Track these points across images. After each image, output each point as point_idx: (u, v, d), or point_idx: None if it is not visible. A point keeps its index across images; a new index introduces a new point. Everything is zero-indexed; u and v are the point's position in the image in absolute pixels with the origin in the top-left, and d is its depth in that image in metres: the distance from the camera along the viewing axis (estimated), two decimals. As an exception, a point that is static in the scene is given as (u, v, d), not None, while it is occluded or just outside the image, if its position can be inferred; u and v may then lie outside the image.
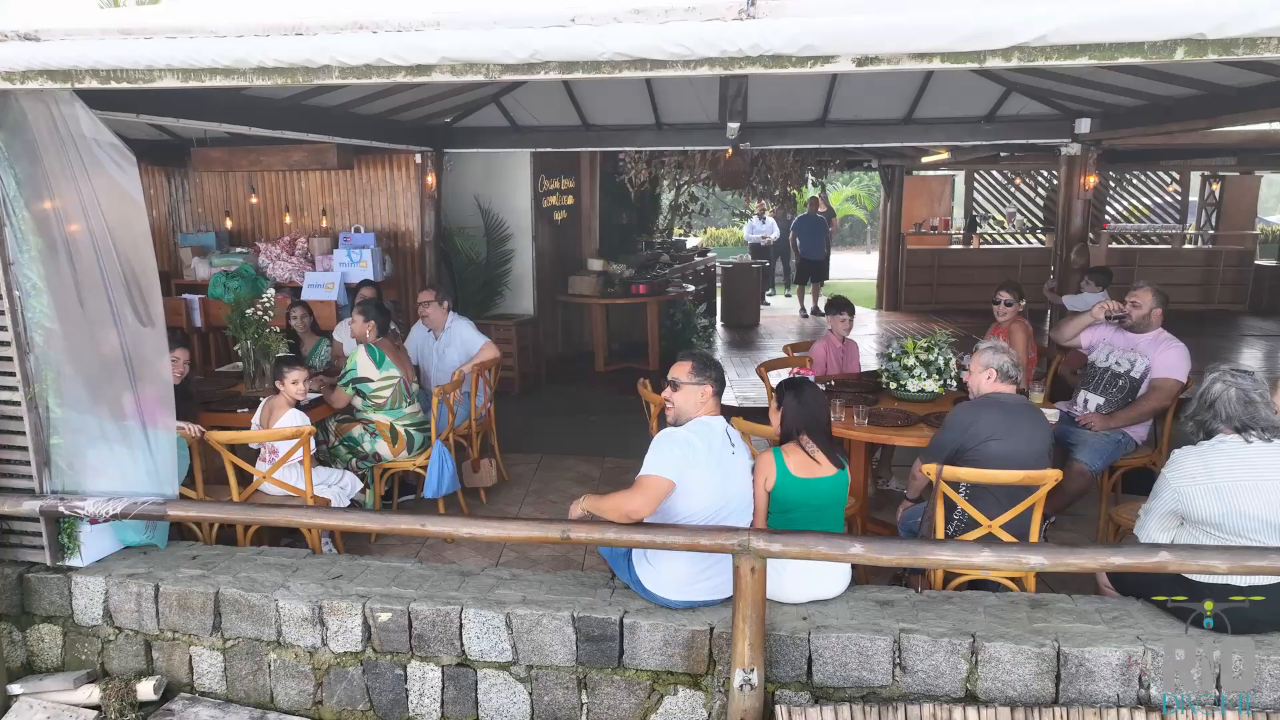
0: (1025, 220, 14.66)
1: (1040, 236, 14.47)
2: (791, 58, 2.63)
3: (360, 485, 4.88)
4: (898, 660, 3.17)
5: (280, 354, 4.98)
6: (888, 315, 13.70)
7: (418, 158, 8.18)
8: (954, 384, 4.78)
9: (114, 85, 3.01)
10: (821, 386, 5.12)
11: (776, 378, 6.28)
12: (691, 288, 10.24)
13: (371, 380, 4.94)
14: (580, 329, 10.35)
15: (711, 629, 3.28)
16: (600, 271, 9.46)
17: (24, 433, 3.57)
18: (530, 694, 3.43)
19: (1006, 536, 3.45)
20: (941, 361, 4.70)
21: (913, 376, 4.67)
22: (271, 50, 2.83)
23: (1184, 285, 13.67)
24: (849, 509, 4.02)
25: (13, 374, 3.51)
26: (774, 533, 3.08)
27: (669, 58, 2.67)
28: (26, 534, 3.74)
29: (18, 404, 3.54)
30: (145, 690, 3.64)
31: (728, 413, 4.77)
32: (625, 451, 6.97)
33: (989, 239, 14.65)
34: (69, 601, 3.79)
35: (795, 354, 6.19)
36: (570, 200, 9.95)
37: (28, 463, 3.61)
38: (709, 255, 12.79)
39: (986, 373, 3.67)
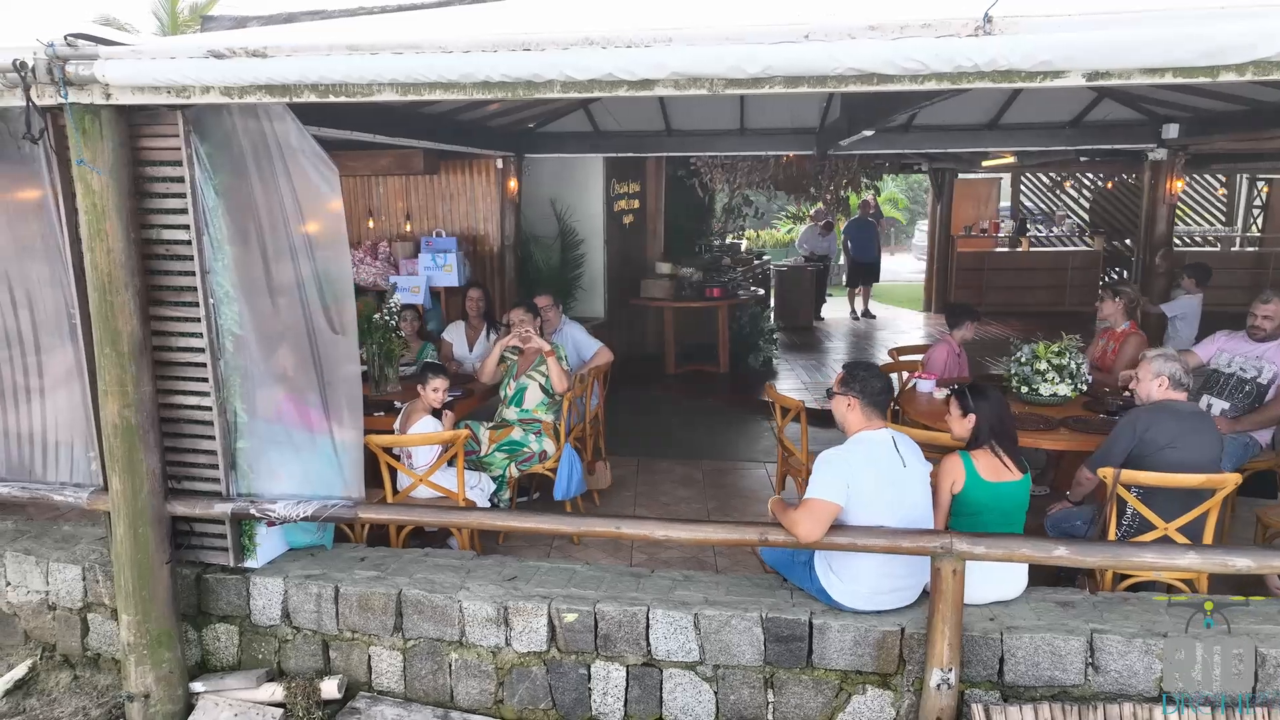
0: (1075, 223, 14.70)
1: (1088, 240, 14.51)
2: (1022, 72, 2.69)
3: (494, 487, 4.96)
4: (1090, 660, 3.24)
5: (428, 360, 5.06)
6: (937, 318, 13.73)
7: (499, 162, 8.28)
8: (1084, 388, 4.84)
9: (332, 99, 3.09)
10: (944, 391, 5.19)
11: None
12: (761, 291, 10.31)
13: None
14: (643, 331, 10.42)
15: (902, 630, 3.35)
16: (670, 275, 9.53)
17: (213, 437, 3.64)
18: (716, 693, 3.50)
19: (1180, 539, 3.51)
20: (1073, 366, 4.76)
21: (1045, 380, 4.73)
22: (499, 65, 2.89)
23: (1232, 287, 13.73)
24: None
25: (205, 379, 3.59)
26: (977, 535, 3.14)
27: (900, 72, 2.73)
28: (208, 535, 3.82)
29: (208, 409, 3.62)
30: (329, 689, 3.72)
31: (813, 416, 4.87)
32: (721, 454, 7.07)
33: (1037, 241, 14.69)
34: (246, 602, 3.87)
35: (902, 358, 6.24)
36: (636, 204, 10.04)
37: (214, 466, 3.68)
38: (765, 258, 12.86)
39: (1158, 380, 3.73)
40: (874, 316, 13.54)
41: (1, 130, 3.55)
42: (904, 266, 20.87)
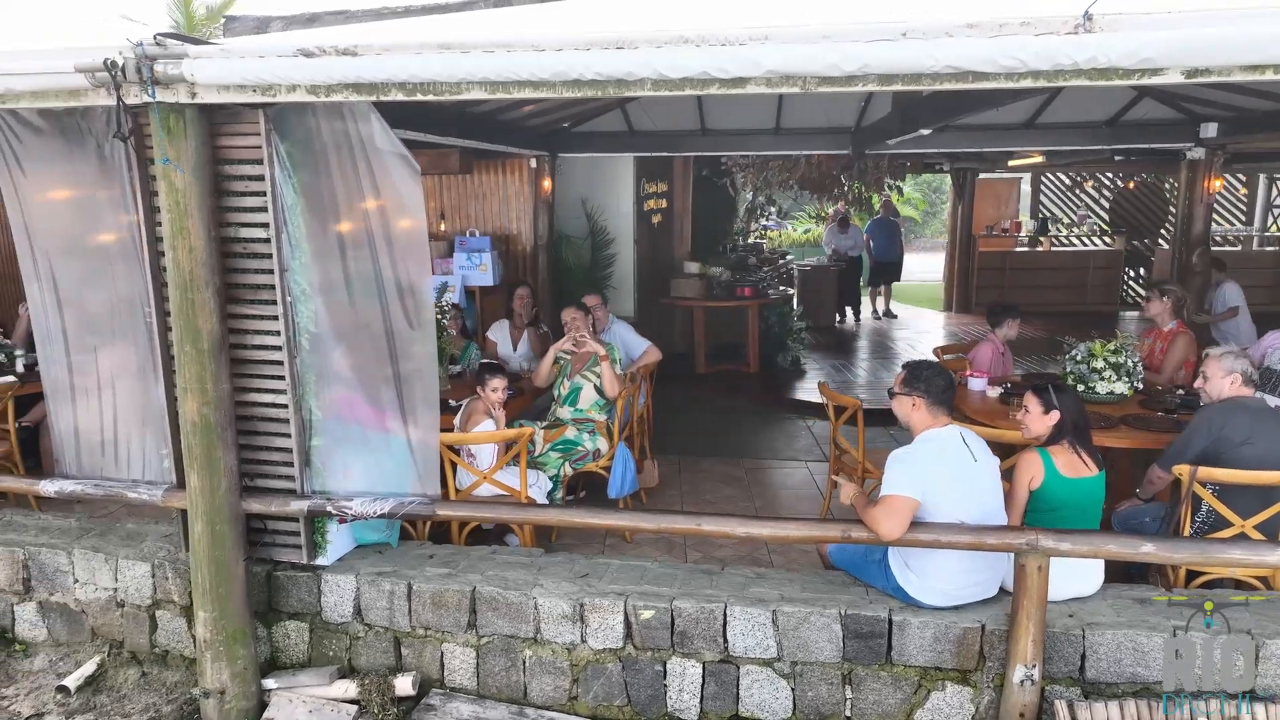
0: (1096, 223, 14.71)
1: (1108, 239, 14.52)
2: (1121, 70, 2.69)
3: (550, 486, 4.97)
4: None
5: (485, 360, 5.08)
6: (958, 317, 13.75)
7: (532, 162, 8.29)
8: (1140, 385, 4.85)
9: (419, 98, 3.10)
10: (998, 389, 5.20)
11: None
12: (792, 290, 10.32)
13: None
14: (672, 331, 10.42)
15: (983, 626, 3.35)
16: (700, 274, 9.55)
17: (289, 434, 3.66)
18: (793, 689, 3.51)
19: (1258, 535, 3.52)
20: (1130, 364, 4.76)
21: (1102, 379, 4.74)
22: (593, 64, 2.90)
23: (1254, 287, 13.71)
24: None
25: (281, 377, 3.60)
26: (1061, 532, 3.15)
27: (997, 70, 2.73)
28: (280, 533, 3.83)
29: (284, 406, 3.63)
30: (403, 685, 3.73)
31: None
32: (759, 453, 7.08)
33: (1058, 241, 14.69)
34: (318, 599, 3.88)
35: (946, 356, 6.24)
36: (664, 204, 10.05)
37: (289, 463, 3.70)
38: (788, 258, 12.86)
39: (1230, 377, 3.73)
40: (895, 316, 13.53)
41: (80, 129, 3.58)
42: (917, 265, 20.84)
